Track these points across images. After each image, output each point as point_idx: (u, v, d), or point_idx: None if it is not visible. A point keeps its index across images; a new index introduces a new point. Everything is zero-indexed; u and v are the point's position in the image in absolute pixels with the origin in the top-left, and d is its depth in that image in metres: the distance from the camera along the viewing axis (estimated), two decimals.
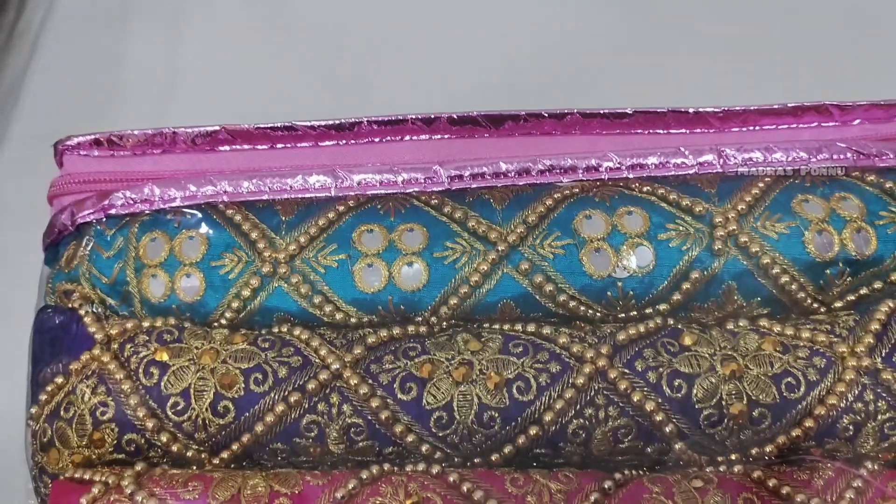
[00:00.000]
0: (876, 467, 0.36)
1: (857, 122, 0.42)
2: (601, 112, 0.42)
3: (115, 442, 0.36)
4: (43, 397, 0.38)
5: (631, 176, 0.40)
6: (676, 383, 0.36)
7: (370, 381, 0.36)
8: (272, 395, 0.36)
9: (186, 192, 0.40)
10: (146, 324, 0.38)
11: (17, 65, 0.66)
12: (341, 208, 0.40)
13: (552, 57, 0.64)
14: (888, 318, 0.37)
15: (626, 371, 0.36)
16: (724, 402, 0.35)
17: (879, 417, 0.35)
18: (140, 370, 0.37)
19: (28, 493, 0.39)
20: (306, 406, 0.36)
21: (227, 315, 0.39)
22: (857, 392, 0.35)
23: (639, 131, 0.42)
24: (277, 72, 0.65)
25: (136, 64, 0.67)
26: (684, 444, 0.35)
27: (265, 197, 0.40)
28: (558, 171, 0.40)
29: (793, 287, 0.38)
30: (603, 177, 0.40)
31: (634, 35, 0.65)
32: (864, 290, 0.39)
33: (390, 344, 0.37)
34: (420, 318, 0.38)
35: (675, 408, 0.35)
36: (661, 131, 0.42)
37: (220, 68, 0.65)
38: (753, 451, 0.36)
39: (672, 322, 0.38)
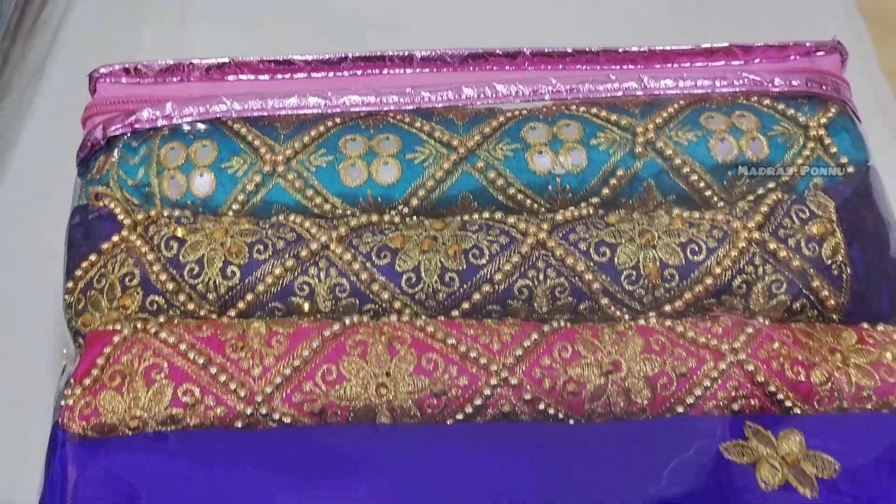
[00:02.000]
0: (766, 322, 0.43)
1: (757, 60, 0.51)
2: (546, 50, 0.50)
3: (140, 303, 0.44)
4: (78, 273, 0.45)
5: (569, 98, 0.49)
6: (602, 250, 0.44)
7: (352, 250, 0.44)
8: (271, 261, 0.44)
9: (201, 108, 0.48)
10: (166, 212, 0.46)
11: (42, 49, 0.75)
12: (329, 123, 0.48)
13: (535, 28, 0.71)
14: (776, 204, 0.45)
15: (562, 242, 0.44)
16: (640, 264, 0.43)
17: (767, 279, 0.43)
18: (162, 244, 0.44)
19: (64, 356, 0.46)
20: (299, 270, 0.43)
21: (234, 207, 0.46)
22: (748, 257, 0.44)
23: (578, 67, 0.51)
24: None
25: (147, 50, 0.75)
26: (609, 299, 0.43)
27: (266, 114, 0.48)
28: (510, 95, 0.49)
29: (701, 185, 0.47)
30: (546, 98, 0.49)
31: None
32: (760, 191, 0.47)
33: (369, 226, 0.45)
34: (394, 211, 0.46)
35: (602, 269, 0.43)
36: (597, 67, 0.51)
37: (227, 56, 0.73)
38: (666, 308, 0.44)
39: (602, 212, 0.46)
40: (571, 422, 0.41)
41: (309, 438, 0.38)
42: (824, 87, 0.49)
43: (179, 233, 0.44)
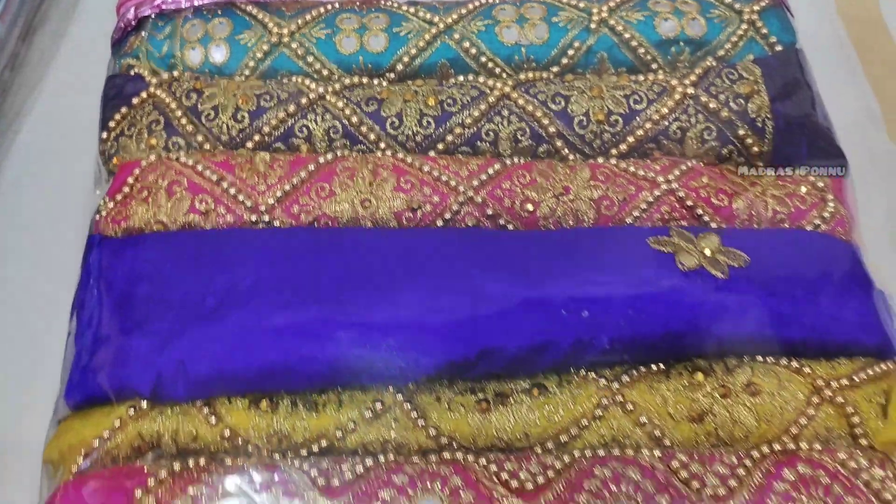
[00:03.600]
0: (700, 163, 0.50)
1: None
2: None
3: (164, 143, 0.51)
4: (111, 124, 0.53)
5: None
6: (558, 100, 0.51)
7: (345, 100, 0.51)
8: (276, 108, 0.51)
9: None
10: (187, 74, 0.54)
11: None
12: (329, 7, 0.56)
13: None
14: (708, 68, 0.53)
15: (524, 94, 0.51)
16: (590, 112, 0.51)
17: (699, 126, 0.51)
18: (183, 96, 0.52)
19: (97, 196, 0.53)
20: (299, 115, 0.51)
21: (245, 73, 0.54)
22: (683, 107, 0.51)
23: None
24: None
25: None
26: (563, 142, 0.51)
27: None
28: None
29: (648, 58, 0.54)
30: None
31: None
32: (701, 65, 0.54)
33: (360, 84, 0.53)
34: (382, 78, 0.54)
35: (557, 116, 0.51)
36: None
37: None
38: (612, 152, 0.51)
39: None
40: None
41: (302, 234, 0.46)
42: None
43: (197, 86, 0.52)
